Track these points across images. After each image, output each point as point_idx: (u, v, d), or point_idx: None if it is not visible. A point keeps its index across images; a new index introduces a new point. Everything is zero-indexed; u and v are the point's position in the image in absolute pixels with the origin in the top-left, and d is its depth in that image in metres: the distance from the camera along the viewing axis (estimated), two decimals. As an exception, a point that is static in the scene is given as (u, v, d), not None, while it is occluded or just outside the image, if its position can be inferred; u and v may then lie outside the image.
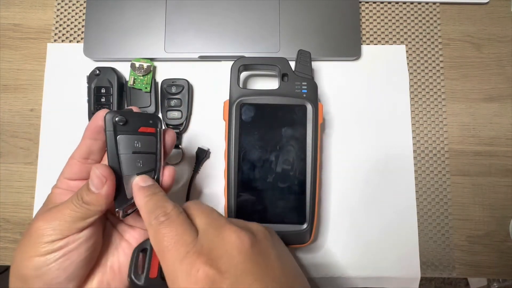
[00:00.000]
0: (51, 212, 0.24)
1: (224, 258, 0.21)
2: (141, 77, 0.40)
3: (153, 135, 0.26)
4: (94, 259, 0.27)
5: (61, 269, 0.23)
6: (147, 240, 0.25)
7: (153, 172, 0.26)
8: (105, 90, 0.40)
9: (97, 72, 0.40)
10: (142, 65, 0.40)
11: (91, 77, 0.40)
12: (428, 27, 0.44)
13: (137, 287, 0.24)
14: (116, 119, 0.24)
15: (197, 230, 0.23)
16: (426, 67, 0.43)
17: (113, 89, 0.40)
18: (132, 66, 0.40)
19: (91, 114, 0.40)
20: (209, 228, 0.23)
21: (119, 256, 0.28)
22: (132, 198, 0.25)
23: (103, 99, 0.40)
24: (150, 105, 0.41)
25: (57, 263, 0.23)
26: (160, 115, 0.41)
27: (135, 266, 0.25)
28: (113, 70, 0.40)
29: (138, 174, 0.25)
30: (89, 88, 0.40)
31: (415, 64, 0.43)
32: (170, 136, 0.29)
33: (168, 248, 0.22)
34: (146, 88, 0.40)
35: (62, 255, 0.23)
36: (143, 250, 0.25)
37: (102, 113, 0.25)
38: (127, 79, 0.41)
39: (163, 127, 0.28)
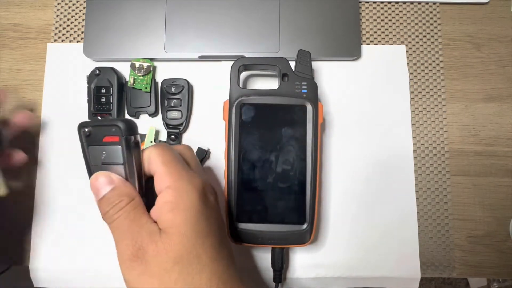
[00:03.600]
0: None
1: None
2: (141, 77, 0.40)
3: (118, 144, 0.24)
4: None
5: None
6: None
7: None
8: (105, 90, 0.40)
9: (97, 72, 0.40)
10: (142, 65, 0.40)
11: (91, 77, 0.40)
12: (428, 27, 0.44)
13: None
14: (81, 131, 0.25)
15: None
16: (426, 67, 0.43)
17: (113, 89, 0.40)
18: (132, 66, 0.40)
19: (91, 114, 0.40)
20: None
21: None
22: None
23: (103, 99, 0.40)
24: (150, 105, 0.40)
25: None
26: (160, 115, 0.41)
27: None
28: (113, 70, 0.40)
29: None
30: (89, 88, 0.40)
31: (415, 64, 0.43)
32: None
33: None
34: (146, 88, 0.40)
35: None
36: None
37: None
38: (127, 79, 0.41)
39: (137, 135, 0.25)
